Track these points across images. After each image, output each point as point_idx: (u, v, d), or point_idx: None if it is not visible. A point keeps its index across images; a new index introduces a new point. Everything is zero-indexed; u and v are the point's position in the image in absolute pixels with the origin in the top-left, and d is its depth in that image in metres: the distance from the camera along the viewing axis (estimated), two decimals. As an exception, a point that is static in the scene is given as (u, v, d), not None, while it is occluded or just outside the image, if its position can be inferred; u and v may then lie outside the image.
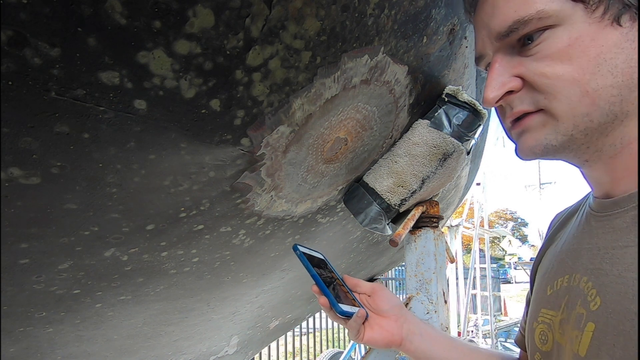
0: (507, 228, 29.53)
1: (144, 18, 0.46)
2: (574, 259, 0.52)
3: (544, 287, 0.57)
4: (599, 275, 0.46)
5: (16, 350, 0.84)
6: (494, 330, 7.72)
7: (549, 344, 0.53)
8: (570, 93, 0.45)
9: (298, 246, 0.70)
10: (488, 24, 0.49)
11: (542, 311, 0.56)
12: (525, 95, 0.48)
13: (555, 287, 0.54)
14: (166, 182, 0.67)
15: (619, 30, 0.43)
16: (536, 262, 0.66)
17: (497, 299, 12.40)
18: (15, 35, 0.42)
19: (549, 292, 0.55)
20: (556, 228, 0.64)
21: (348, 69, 0.70)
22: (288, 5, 0.54)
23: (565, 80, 0.45)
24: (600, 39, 0.44)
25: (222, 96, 0.59)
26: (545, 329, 0.54)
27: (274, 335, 1.82)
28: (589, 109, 0.45)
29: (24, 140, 0.50)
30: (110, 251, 0.73)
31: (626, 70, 0.43)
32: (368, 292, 0.76)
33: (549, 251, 0.63)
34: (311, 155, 0.83)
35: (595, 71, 0.44)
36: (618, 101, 0.44)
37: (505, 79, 0.49)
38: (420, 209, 1.11)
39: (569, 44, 0.44)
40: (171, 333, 1.16)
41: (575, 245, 0.53)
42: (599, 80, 0.44)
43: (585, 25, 0.44)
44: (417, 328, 0.73)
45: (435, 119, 1.01)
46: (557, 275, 0.55)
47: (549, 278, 0.57)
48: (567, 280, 0.52)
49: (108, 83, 0.50)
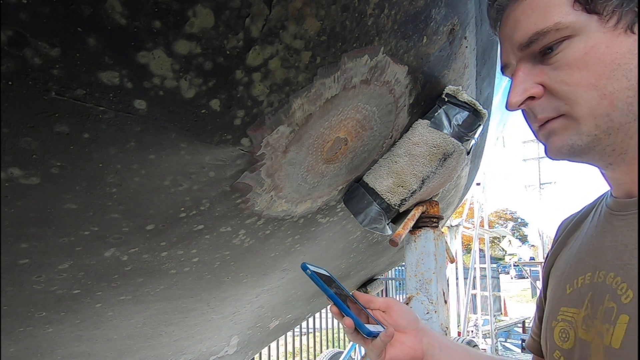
0: (507, 228, 29.51)
1: (144, 18, 0.46)
2: (596, 257, 0.54)
3: (563, 286, 0.58)
4: (628, 271, 0.48)
5: (16, 350, 0.84)
6: (494, 330, 7.72)
7: (570, 341, 0.54)
8: (589, 97, 0.48)
9: (308, 265, 0.66)
10: (511, 37, 0.53)
11: (561, 309, 0.57)
12: (546, 102, 0.52)
13: (576, 285, 0.56)
14: (166, 182, 0.67)
15: (632, 37, 0.47)
16: (548, 266, 0.67)
17: (497, 299, 12.40)
18: (15, 35, 0.42)
19: (568, 290, 0.57)
20: (568, 231, 0.65)
21: (348, 69, 0.70)
22: (288, 5, 0.54)
23: (583, 86, 0.49)
24: (614, 46, 0.47)
25: (222, 96, 0.59)
26: (566, 327, 0.56)
27: (274, 335, 1.82)
28: (608, 110, 0.48)
29: (24, 140, 0.50)
30: (110, 251, 0.73)
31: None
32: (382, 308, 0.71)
33: (562, 254, 0.64)
34: (311, 155, 0.83)
35: (611, 76, 0.47)
36: (635, 102, 0.47)
37: (528, 85, 0.52)
38: (420, 209, 1.11)
39: (585, 52, 0.48)
40: (171, 333, 1.16)
41: (596, 244, 0.55)
42: (614, 84, 0.47)
43: (600, 34, 0.48)
44: (436, 341, 0.72)
45: (435, 119, 1.01)
46: (577, 274, 0.56)
47: (567, 278, 0.58)
48: (590, 278, 0.53)
49: (108, 83, 0.50)
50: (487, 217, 8.89)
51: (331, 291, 0.64)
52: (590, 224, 0.60)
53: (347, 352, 4.34)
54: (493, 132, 12.48)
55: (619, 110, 0.48)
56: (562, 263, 0.62)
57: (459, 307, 7.57)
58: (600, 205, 0.59)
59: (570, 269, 0.58)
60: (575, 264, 0.58)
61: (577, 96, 0.49)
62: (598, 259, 0.53)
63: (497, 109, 5.07)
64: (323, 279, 0.67)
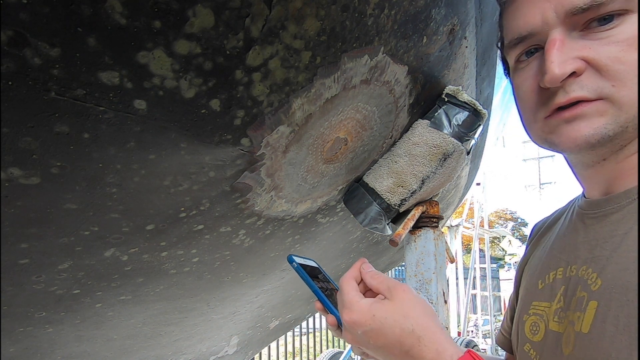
0: (507, 228, 29.50)
1: (144, 18, 0.46)
2: (568, 253, 0.54)
3: (535, 282, 0.58)
4: (598, 262, 0.48)
5: (16, 350, 0.84)
6: (494, 330, 7.72)
7: (540, 333, 0.54)
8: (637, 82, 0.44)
9: (294, 257, 0.63)
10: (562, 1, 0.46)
11: (533, 304, 0.57)
12: (588, 80, 0.46)
13: (547, 280, 0.56)
14: (166, 182, 0.67)
15: None
16: (521, 267, 0.67)
17: (497, 299, 12.41)
18: (15, 35, 0.42)
19: (540, 286, 0.57)
20: (541, 234, 0.66)
21: (348, 69, 0.70)
22: (288, 5, 0.54)
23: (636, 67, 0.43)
24: None
25: (222, 96, 0.59)
26: (537, 320, 0.55)
27: (274, 335, 1.82)
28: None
29: (24, 140, 0.50)
30: (110, 251, 0.73)
31: None
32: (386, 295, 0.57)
33: (534, 255, 0.64)
34: (311, 155, 0.83)
35: None
36: None
37: (567, 58, 0.46)
38: (420, 209, 1.11)
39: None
40: (171, 333, 1.16)
41: (567, 241, 0.55)
42: None
43: None
44: None
45: (435, 119, 1.01)
46: (549, 269, 0.56)
47: (539, 274, 0.58)
48: (562, 272, 0.53)
49: (108, 83, 0.50)
50: (487, 217, 8.89)
51: (316, 286, 0.62)
52: (562, 225, 0.60)
53: (347, 352, 4.34)
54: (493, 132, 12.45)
55: None
56: (535, 261, 0.62)
57: (459, 307, 7.58)
58: (572, 208, 0.59)
59: (543, 266, 0.58)
60: (547, 261, 0.58)
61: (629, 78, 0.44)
62: (570, 254, 0.53)
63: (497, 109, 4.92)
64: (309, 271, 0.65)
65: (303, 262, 0.66)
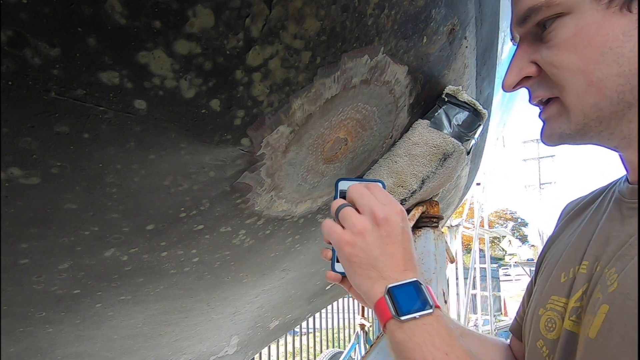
0: (507, 228, 29.49)
1: (144, 18, 0.46)
2: (597, 246, 0.50)
3: (557, 274, 0.55)
4: (623, 261, 0.45)
5: (16, 350, 0.84)
6: (494, 330, 7.72)
7: (556, 331, 0.51)
8: (576, 83, 0.45)
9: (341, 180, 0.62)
10: (514, 10, 0.50)
11: (552, 298, 0.54)
12: (542, 81, 0.49)
13: (571, 274, 0.52)
14: (166, 182, 0.67)
15: (628, 16, 0.42)
16: (544, 250, 0.64)
17: (497, 299, 12.41)
18: (15, 35, 0.42)
19: (562, 279, 0.53)
20: (570, 216, 0.62)
21: (348, 69, 0.70)
22: (288, 5, 0.54)
23: (570, 70, 0.45)
24: (606, 27, 0.43)
25: (222, 96, 0.59)
26: (554, 316, 0.52)
27: (274, 335, 1.82)
28: (596, 99, 0.44)
29: (24, 140, 0.50)
30: (110, 251, 0.73)
31: (633, 59, 0.42)
32: None
33: (561, 238, 0.61)
34: (311, 155, 0.83)
35: (600, 60, 0.43)
36: (628, 90, 0.43)
37: (524, 64, 0.50)
38: (420, 209, 1.11)
39: (575, 33, 0.44)
40: (171, 333, 1.16)
41: (600, 232, 0.51)
42: (603, 70, 0.43)
43: (593, 12, 0.43)
44: None
45: (435, 119, 1.01)
46: (574, 262, 0.53)
47: (562, 265, 0.55)
48: (587, 268, 0.50)
49: (108, 83, 0.50)
50: (487, 217, 8.89)
51: None
52: (596, 210, 0.55)
53: (347, 352, 4.34)
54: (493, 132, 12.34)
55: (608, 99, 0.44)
56: (560, 249, 0.58)
57: (459, 307, 7.58)
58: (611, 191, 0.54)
59: (568, 256, 0.54)
60: (573, 251, 0.54)
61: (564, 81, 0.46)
62: (600, 248, 0.49)
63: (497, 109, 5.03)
64: None
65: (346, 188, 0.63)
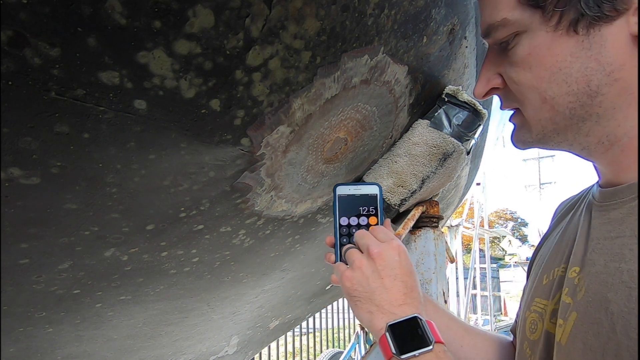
0: (507, 228, 29.49)
1: (144, 18, 0.46)
2: (571, 249, 0.52)
3: (541, 276, 0.57)
4: (588, 266, 0.46)
5: (16, 350, 0.84)
6: (494, 330, 7.72)
7: (537, 332, 0.53)
8: (532, 99, 0.48)
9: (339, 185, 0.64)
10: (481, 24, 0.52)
11: (535, 300, 0.56)
12: (507, 93, 0.52)
13: (552, 276, 0.54)
14: (166, 182, 0.67)
15: (575, 38, 0.44)
16: (536, 251, 0.65)
17: (497, 299, 12.41)
18: (15, 35, 0.42)
19: (544, 281, 0.55)
20: (559, 217, 0.63)
21: (348, 69, 0.70)
22: (288, 5, 0.54)
23: (527, 87, 0.47)
24: (555, 48, 0.45)
25: (222, 96, 0.59)
26: (536, 318, 0.54)
27: (274, 335, 1.82)
28: (550, 114, 0.47)
29: (24, 140, 0.50)
30: (110, 251, 0.73)
31: (581, 79, 0.44)
32: None
33: (548, 240, 0.62)
34: (311, 155, 0.83)
35: (551, 80, 0.45)
36: (578, 106, 0.45)
37: (491, 75, 0.52)
38: (420, 209, 1.11)
39: (529, 52, 0.46)
40: (171, 333, 1.16)
41: (575, 234, 0.53)
42: (554, 89, 0.45)
43: (543, 33, 0.45)
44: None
45: (435, 119, 1.01)
46: (554, 264, 0.55)
47: (546, 267, 0.57)
48: (563, 270, 0.52)
49: (108, 83, 0.50)
50: (487, 217, 8.89)
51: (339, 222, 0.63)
52: (576, 212, 0.57)
53: (347, 352, 4.34)
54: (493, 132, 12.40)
55: (561, 114, 0.46)
56: (545, 251, 0.60)
57: (459, 307, 7.58)
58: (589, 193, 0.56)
59: (550, 258, 0.57)
60: (554, 254, 0.56)
61: (522, 96, 0.48)
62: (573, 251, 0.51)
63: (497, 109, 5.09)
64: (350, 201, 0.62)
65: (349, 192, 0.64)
